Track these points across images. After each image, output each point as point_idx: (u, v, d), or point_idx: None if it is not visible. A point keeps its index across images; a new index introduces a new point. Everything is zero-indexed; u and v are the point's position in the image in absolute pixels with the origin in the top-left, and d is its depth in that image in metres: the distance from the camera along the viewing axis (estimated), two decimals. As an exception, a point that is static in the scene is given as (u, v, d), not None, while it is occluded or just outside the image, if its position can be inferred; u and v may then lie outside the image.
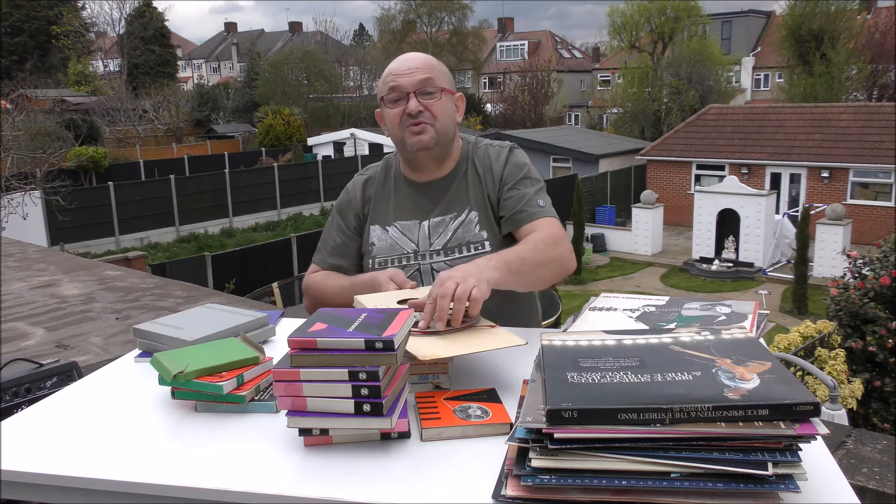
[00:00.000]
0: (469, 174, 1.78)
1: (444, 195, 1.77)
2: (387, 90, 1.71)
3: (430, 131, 1.69)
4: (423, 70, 1.69)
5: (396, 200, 1.80)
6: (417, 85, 1.68)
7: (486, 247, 1.71)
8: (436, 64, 1.74)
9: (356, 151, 28.71)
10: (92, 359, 2.81)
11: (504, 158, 1.78)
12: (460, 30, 44.43)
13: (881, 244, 5.74)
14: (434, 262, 1.73)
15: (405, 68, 1.70)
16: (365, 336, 1.06)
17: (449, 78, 1.75)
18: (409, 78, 1.68)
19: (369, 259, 1.79)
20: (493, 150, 1.81)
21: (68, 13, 37.67)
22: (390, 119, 1.72)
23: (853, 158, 17.83)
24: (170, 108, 34.97)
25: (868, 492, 1.71)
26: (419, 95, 1.68)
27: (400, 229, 1.77)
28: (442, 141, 1.73)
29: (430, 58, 1.75)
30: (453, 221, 1.75)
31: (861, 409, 4.90)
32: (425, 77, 1.68)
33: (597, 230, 18.10)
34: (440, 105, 1.70)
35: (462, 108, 1.80)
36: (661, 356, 1.00)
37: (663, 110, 29.76)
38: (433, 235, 1.75)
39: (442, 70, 1.74)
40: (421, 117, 1.68)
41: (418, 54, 1.75)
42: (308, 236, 15.35)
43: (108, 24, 40.30)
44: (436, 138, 1.71)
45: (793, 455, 0.85)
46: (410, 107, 1.67)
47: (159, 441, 1.13)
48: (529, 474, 0.87)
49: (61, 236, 17.48)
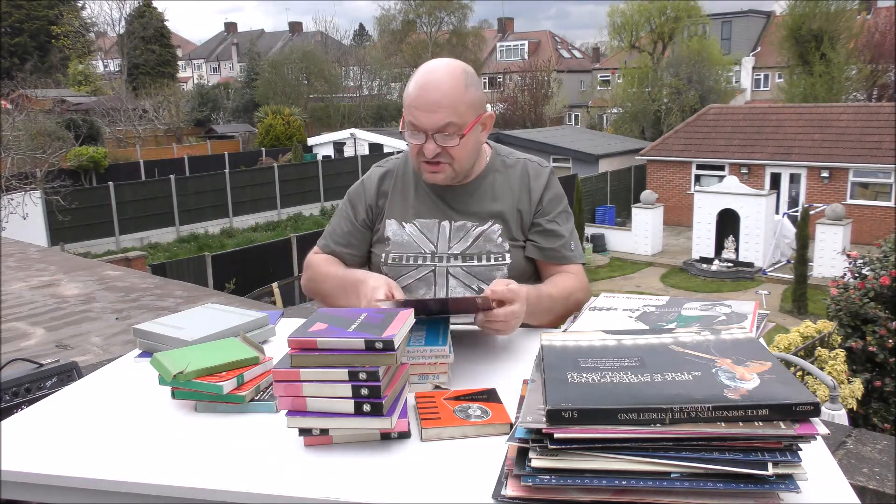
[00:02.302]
0: (497, 185, 1.74)
1: (468, 200, 1.73)
2: (407, 120, 1.62)
3: (446, 171, 1.64)
4: (445, 111, 1.56)
5: (417, 197, 1.76)
6: (437, 129, 1.58)
7: (506, 258, 1.69)
8: (461, 94, 1.58)
9: (356, 151, 28.71)
10: (92, 359, 2.81)
11: (544, 182, 1.75)
12: (460, 30, 44.43)
13: (881, 244, 5.73)
14: (451, 265, 1.70)
15: (426, 104, 1.57)
16: (365, 336, 1.06)
17: (476, 105, 1.62)
18: (428, 118, 1.57)
19: (382, 253, 1.75)
20: (531, 167, 1.77)
21: (68, 13, 37.70)
22: (409, 145, 1.66)
23: (853, 158, 17.84)
24: (170, 108, 34.99)
25: (868, 492, 1.71)
26: (438, 138, 1.59)
27: (419, 227, 1.73)
28: (461, 175, 1.68)
29: (455, 86, 1.58)
30: (475, 228, 1.71)
31: (861, 409, 4.89)
32: (446, 122, 1.57)
33: (597, 230, 18.11)
34: (460, 147, 1.61)
35: (490, 124, 1.71)
36: (661, 356, 1.00)
37: (663, 110, 29.76)
38: (453, 239, 1.71)
39: (467, 100, 1.59)
40: (438, 158, 1.61)
41: (444, 80, 1.58)
42: (308, 236, 15.34)
43: (108, 24, 40.45)
44: (452, 176, 1.66)
45: (793, 455, 0.85)
46: (427, 150, 1.60)
47: (159, 441, 1.13)
48: (529, 474, 0.87)
49: (61, 236, 17.48)
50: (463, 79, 1.60)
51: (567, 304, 1.63)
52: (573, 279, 1.69)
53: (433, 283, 1.70)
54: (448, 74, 1.60)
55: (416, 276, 1.71)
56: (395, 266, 1.72)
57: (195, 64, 63.69)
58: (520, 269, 1.69)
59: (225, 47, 64.06)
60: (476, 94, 1.63)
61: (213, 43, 66.50)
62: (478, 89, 1.64)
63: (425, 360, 1.27)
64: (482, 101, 1.66)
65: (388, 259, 1.74)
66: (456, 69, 1.61)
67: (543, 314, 1.59)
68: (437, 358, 1.28)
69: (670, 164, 20.78)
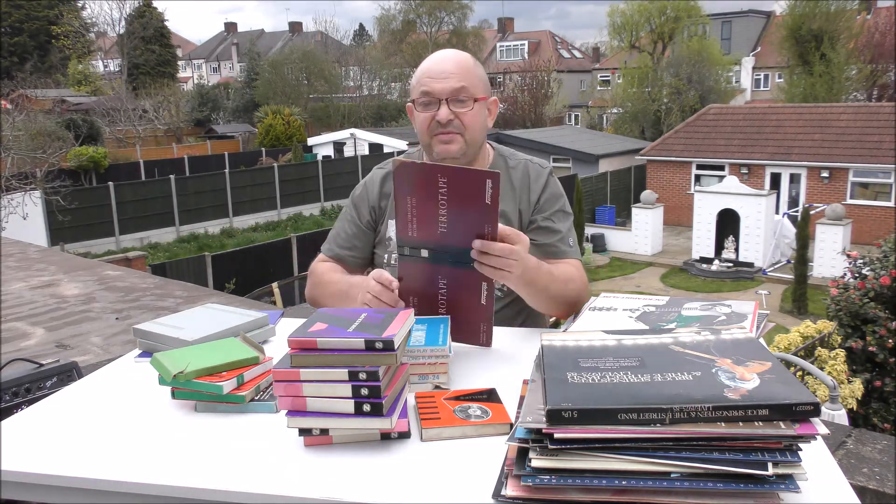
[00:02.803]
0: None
1: None
2: (419, 93, 1.65)
3: (458, 141, 1.66)
4: (457, 76, 1.63)
5: None
6: (450, 93, 1.62)
7: None
8: (471, 67, 1.67)
9: (356, 151, 28.70)
10: (92, 359, 2.81)
11: (543, 182, 1.77)
12: (460, 30, 44.46)
13: (881, 244, 5.73)
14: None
15: (439, 72, 1.64)
16: (365, 336, 1.06)
17: (484, 82, 1.70)
18: (441, 84, 1.63)
19: (385, 254, 1.77)
20: (532, 168, 1.79)
21: (68, 13, 37.72)
22: (420, 122, 1.68)
23: (853, 158, 17.84)
24: (170, 108, 34.99)
25: (868, 492, 1.71)
26: (451, 103, 1.63)
27: None
28: (470, 151, 1.70)
29: (466, 60, 1.68)
30: None
31: (861, 409, 4.89)
32: (459, 86, 1.62)
33: (597, 230, 18.11)
34: (472, 115, 1.65)
35: (495, 111, 1.75)
36: (661, 356, 1.00)
37: (663, 110, 29.77)
38: None
39: (477, 74, 1.68)
40: (451, 126, 1.64)
41: (454, 55, 1.68)
42: (308, 236, 15.36)
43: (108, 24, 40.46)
44: (464, 149, 1.68)
45: (793, 455, 0.85)
46: (441, 115, 1.63)
47: (159, 441, 1.13)
48: (529, 474, 0.87)
49: (61, 236, 17.48)
50: (472, 59, 1.71)
51: (565, 291, 1.59)
52: (572, 269, 1.68)
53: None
54: (458, 52, 1.71)
55: None
56: (397, 267, 1.73)
57: (195, 64, 63.69)
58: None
59: (225, 47, 64.07)
60: (484, 75, 1.71)
61: (213, 43, 66.51)
62: (484, 73, 1.72)
63: (425, 360, 1.28)
64: (488, 85, 1.73)
65: (390, 260, 1.76)
66: (464, 52, 1.73)
67: (541, 289, 1.53)
68: (437, 358, 1.28)
69: (670, 164, 20.79)
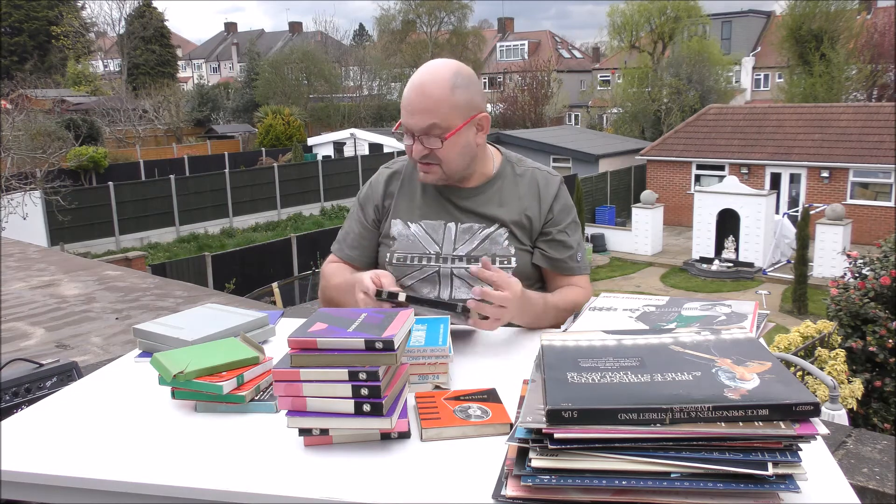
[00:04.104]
0: (505, 191, 1.75)
1: (475, 203, 1.74)
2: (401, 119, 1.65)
3: (436, 172, 1.67)
4: (428, 113, 1.59)
5: (424, 198, 1.77)
6: (421, 131, 1.61)
7: (512, 262, 1.71)
8: (446, 96, 1.59)
9: (356, 151, 28.71)
10: (92, 359, 2.81)
11: (554, 192, 1.77)
12: (460, 30, 44.43)
13: (881, 244, 5.73)
14: (455, 267, 1.71)
15: (411, 104, 1.61)
16: (365, 336, 1.06)
17: (465, 107, 1.62)
18: (413, 119, 1.61)
19: (387, 253, 1.77)
20: (541, 177, 1.79)
21: (68, 13, 37.73)
22: (405, 146, 1.69)
23: (853, 158, 17.83)
24: (170, 108, 34.97)
25: (868, 492, 1.71)
26: (423, 139, 1.62)
27: (425, 228, 1.75)
28: (455, 176, 1.70)
29: (440, 90, 1.59)
30: (481, 231, 1.72)
31: (861, 409, 4.89)
32: (428, 124, 1.59)
33: (597, 230, 18.11)
34: (444, 150, 1.63)
35: (487, 126, 1.69)
36: (661, 356, 1.00)
37: (663, 110, 29.76)
38: (459, 241, 1.72)
39: (452, 104, 1.59)
40: (426, 159, 1.65)
41: (430, 83, 1.59)
42: (308, 236, 15.36)
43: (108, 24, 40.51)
44: (444, 177, 1.68)
45: (793, 455, 0.85)
46: (414, 152, 1.64)
47: (159, 441, 1.13)
48: (529, 474, 0.87)
49: (61, 236, 17.48)
50: (450, 81, 1.60)
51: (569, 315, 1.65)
52: (581, 293, 1.73)
53: (437, 284, 1.72)
54: (435, 77, 1.60)
55: (420, 276, 1.73)
56: (399, 266, 1.74)
57: (195, 64, 63.69)
58: (525, 273, 1.70)
59: (225, 47, 64.07)
60: (465, 97, 1.62)
61: (213, 43, 66.51)
62: (468, 91, 1.62)
63: (425, 360, 1.28)
64: (474, 103, 1.64)
65: (392, 259, 1.76)
66: (445, 72, 1.61)
67: (544, 322, 1.62)
68: (437, 358, 1.28)
69: (670, 164, 20.78)
